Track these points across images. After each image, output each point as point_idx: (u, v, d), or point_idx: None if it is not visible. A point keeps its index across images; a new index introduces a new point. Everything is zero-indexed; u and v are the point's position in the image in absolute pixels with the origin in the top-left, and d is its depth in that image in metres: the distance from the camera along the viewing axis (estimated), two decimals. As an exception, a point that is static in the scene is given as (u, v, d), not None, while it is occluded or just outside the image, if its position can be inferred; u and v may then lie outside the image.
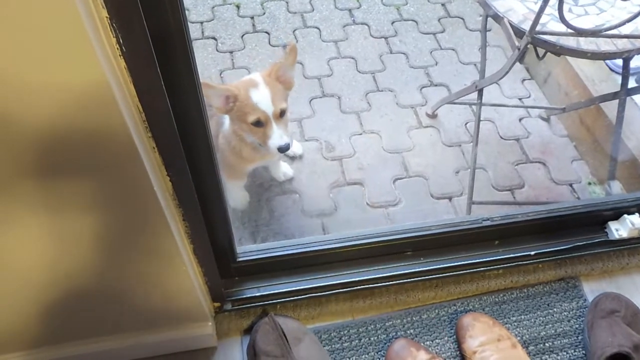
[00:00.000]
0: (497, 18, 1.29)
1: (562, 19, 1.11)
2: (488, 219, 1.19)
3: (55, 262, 0.80)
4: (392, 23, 2.08)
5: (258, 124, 1.23)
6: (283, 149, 1.26)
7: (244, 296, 1.14)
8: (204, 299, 1.04)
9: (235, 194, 1.50)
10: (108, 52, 0.54)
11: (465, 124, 1.75)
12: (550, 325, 1.20)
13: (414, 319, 1.19)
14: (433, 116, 1.76)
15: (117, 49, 0.55)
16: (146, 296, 0.95)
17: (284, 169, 1.56)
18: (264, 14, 2.09)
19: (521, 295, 1.24)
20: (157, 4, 0.55)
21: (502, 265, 1.22)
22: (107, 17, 0.52)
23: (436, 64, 1.93)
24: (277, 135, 1.24)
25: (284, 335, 1.06)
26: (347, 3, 2.15)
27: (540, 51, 1.27)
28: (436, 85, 1.86)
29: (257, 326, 1.10)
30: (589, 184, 1.60)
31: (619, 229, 1.24)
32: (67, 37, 0.49)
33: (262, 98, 1.21)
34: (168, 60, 0.62)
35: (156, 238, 0.80)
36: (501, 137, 1.72)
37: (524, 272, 1.25)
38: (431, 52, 1.97)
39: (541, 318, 1.20)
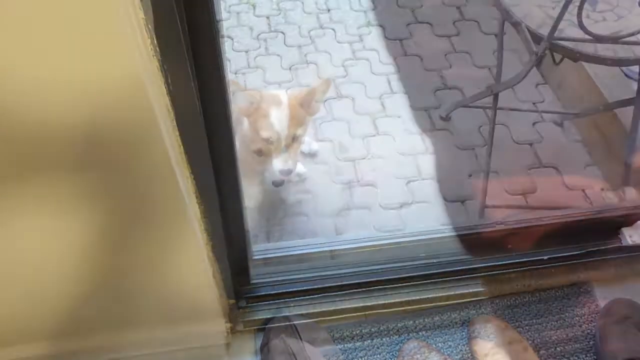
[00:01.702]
0: (515, 23, 1.29)
1: (581, 25, 1.11)
2: (501, 223, 1.20)
3: (78, 256, 0.82)
4: (407, 25, 2.08)
5: (268, 141, 1.24)
6: (284, 173, 1.25)
7: (259, 294, 1.15)
8: (220, 295, 1.05)
9: (249, 193, 1.51)
10: (143, 53, 0.55)
11: (479, 127, 1.75)
12: (562, 329, 1.20)
13: (427, 320, 1.20)
14: (447, 119, 1.76)
15: (152, 49, 0.56)
16: (163, 291, 0.97)
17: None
18: (280, 14, 2.10)
19: (533, 299, 1.24)
20: (192, 6, 0.57)
21: (515, 269, 1.23)
22: (143, 18, 0.53)
23: (450, 67, 1.94)
24: (282, 159, 1.24)
25: (298, 333, 1.07)
26: (363, 5, 2.15)
27: (557, 56, 1.27)
28: (450, 89, 1.87)
29: (271, 323, 1.11)
30: (603, 189, 1.60)
31: (633, 235, 1.24)
32: (107, 38, 0.50)
33: (280, 119, 1.21)
34: (198, 62, 0.63)
35: (177, 235, 0.82)
36: (514, 142, 1.72)
37: (536, 276, 1.25)
38: (445, 55, 1.98)
39: (553, 322, 1.21)
